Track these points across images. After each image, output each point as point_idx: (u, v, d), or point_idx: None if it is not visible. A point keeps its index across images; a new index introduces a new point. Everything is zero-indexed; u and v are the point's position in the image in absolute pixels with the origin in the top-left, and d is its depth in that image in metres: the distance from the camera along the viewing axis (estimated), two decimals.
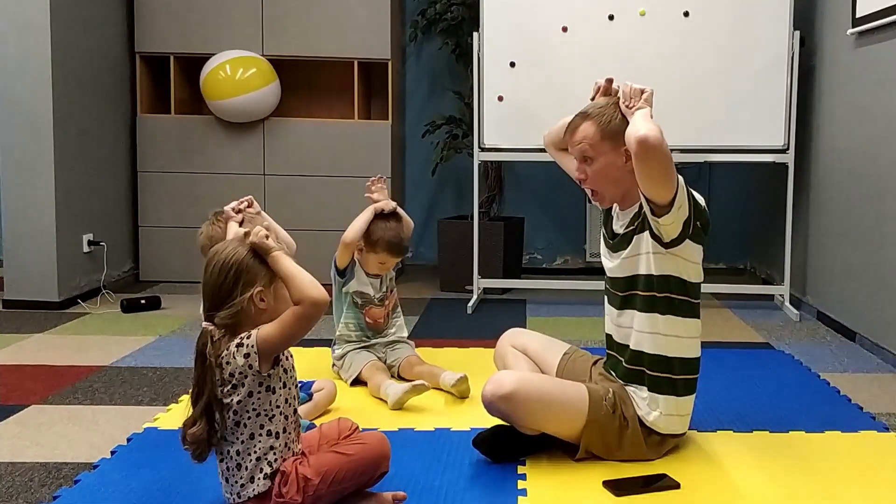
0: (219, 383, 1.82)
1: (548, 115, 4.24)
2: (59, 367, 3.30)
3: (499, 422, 2.32)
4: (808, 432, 2.54)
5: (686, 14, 4.26)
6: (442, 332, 3.93)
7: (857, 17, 3.70)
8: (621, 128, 2.18)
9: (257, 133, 5.06)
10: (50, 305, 4.34)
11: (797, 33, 4.23)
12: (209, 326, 1.83)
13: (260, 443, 1.85)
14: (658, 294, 2.23)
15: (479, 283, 4.63)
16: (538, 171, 5.57)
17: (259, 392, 1.84)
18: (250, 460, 1.85)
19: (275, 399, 1.86)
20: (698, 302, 2.31)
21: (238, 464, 1.85)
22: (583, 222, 5.65)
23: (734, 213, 5.64)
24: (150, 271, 5.14)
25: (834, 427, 2.58)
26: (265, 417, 1.85)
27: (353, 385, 2.98)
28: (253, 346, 1.80)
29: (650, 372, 2.27)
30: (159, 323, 4.08)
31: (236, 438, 1.85)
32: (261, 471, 1.85)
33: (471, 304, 4.45)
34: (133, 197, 5.14)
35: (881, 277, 3.48)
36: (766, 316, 4.34)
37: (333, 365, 3.13)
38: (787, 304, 4.41)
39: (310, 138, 5.07)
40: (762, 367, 3.30)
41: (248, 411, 1.84)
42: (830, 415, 2.70)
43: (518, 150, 4.51)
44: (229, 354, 1.81)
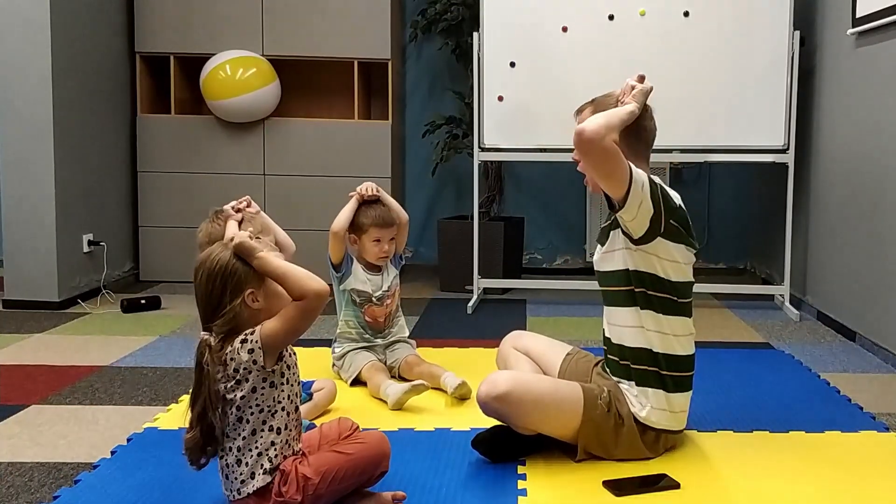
0: (223, 380, 1.82)
1: (548, 115, 4.30)
2: (59, 367, 3.30)
3: (498, 422, 2.32)
4: (808, 432, 2.54)
5: (686, 14, 4.26)
6: (442, 332, 3.93)
7: (857, 17, 3.70)
8: None
9: (257, 133, 5.06)
10: (50, 305, 4.34)
11: (797, 33, 4.23)
12: (206, 336, 1.84)
13: (262, 438, 1.85)
14: (635, 289, 2.25)
15: (479, 283, 4.63)
16: (538, 171, 5.57)
17: (263, 387, 1.84)
18: (251, 456, 1.85)
19: (278, 395, 1.87)
20: (687, 301, 2.30)
21: (238, 459, 1.86)
22: (583, 222, 5.65)
23: (734, 213, 5.64)
24: (150, 271, 5.14)
25: (834, 427, 2.58)
26: (268, 413, 1.85)
27: (353, 385, 2.99)
28: (257, 342, 1.81)
29: (634, 365, 2.28)
30: (159, 323, 4.09)
31: (238, 434, 1.85)
32: (261, 466, 1.85)
33: (471, 304, 4.45)
34: (133, 197, 5.14)
35: (881, 277, 3.48)
36: (766, 316, 4.34)
37: (333, 365, 3.13)
38: (787, 304, 4.41)
39: (310, 138, 5.07)
40: (762, 367, 3.30)
41: (252, 406, 1.84)
42: (830, 415, 2.70)
43: (518, 150, 4.51)
44: (234, 350, 1.81)
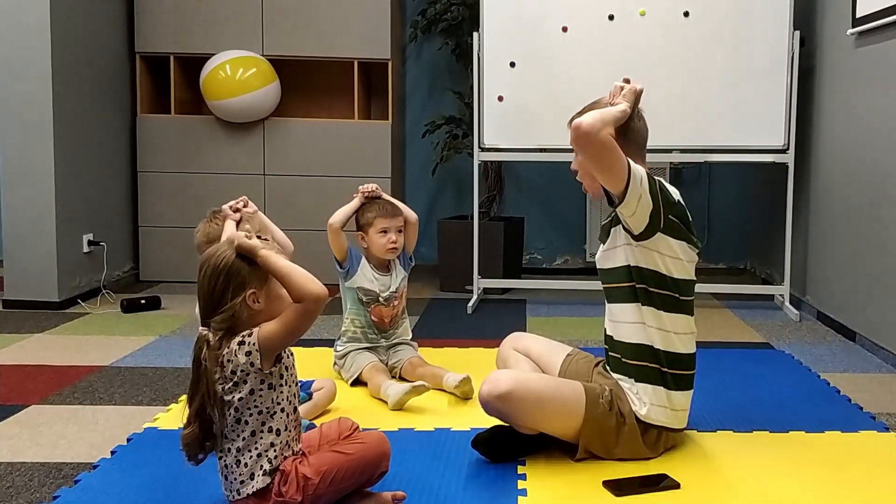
0: (220, 381, 1.82)
1: (548, 115, 4.30)
2: (59, 367, 3.30)
3: (498, 422, 2.32)
4: (808, 432, 2.54)
5: (686, 14, 4.26)
6: (442, 332, 3.93)
7: (857, 17, 3.70)
8: None
9: (257, 133, 5.06)
10: (50, 305, 4.34)
11: (797, 33, 4.23)
12: (204, 332, 1.84)
13: (261, 439, 1.85)
14: (637, 285, 2.26)
15: (479, 283, 4.63)
16: (538, 171, 5.57)
17: (261, 389, 1.84)
18: (251, 457, 1.85)
19: (276, 396, 1.86)
20: (689, 299, 2.31)
21: (238, 460, 1.86)
22: (583, 222, 5.65)
23: (734, 213, 5.64)
24: (150, 271, 5.14)
25: (834, 427, 2.58)
26: (267, 415, 1.85)
27: (354, 385, 2.99)
28: (254, 344, 1.80)
29: (635, 362, 2.28)
30: (159, 323, 4.09)
31: (237, 436, 1.85)
32: (261, 468, 1.85)
33: (471, 304, 4.45)
34: (133, 197, 5.15)
35: (881, 277, 3.48)
36: (766, 316, 4.34)
37: (335, 364, 3.13)
38: (787, 304, 4.41)
39: (310, 138, 5.07)
40: (762, 367, 3.29)
41: (250, 408, 1.84)
42: (830, 415, 2.70)
43: (518, 150, 4.51)
44: (231, 352, 1.81)
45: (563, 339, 2.72)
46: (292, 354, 1.94)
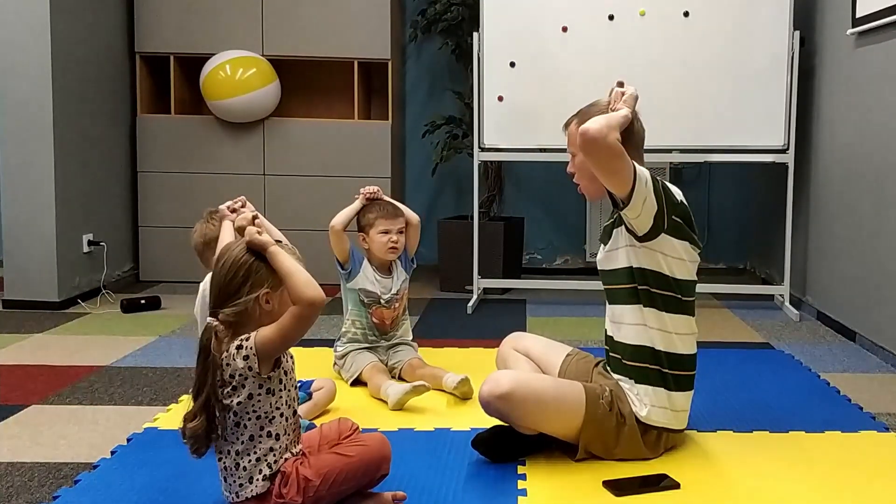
0: (219, 384, 1.82)
1: (548, 114, 4.27)
2: (59, 367, 3.30)
3: (498, 422, 2.32)
4: (808, 432, 2.54)
5: (686, 14, 4.26)
6: (442, 332, 3.93)
7: (857, 17, 3.70)
8: None
9: (257, 133, 5.06)
10: (50, 305, 4.34)
11: (797, 33, 4.23)
12: (214, 322, 1.83)
13: (260, 444, 1.85)
14: (639, 286, 2.26)
15: (479, 283, 4.63)
16: (538, 171, 5.57)
17: (259, 394, 1.84)
18: (250, 461, 1.85)
19: (275, 401, 1.86)
20: (690, 300, 2.31)
21: (237, 463, 1.85)
22: (583, 222, 5.65)
23: (734, 213, 5.64)
24: (150, 271, 5.14)
25: (834, 427, 2.58)
26: (265, 419, 1.85)
27: (354, 385, 2.99)
28: (252, 349, 1.80)
29: (635, 363, 2.28)
30: (159, 323, 4.09)
31: (236, 439, 1.85)
32: (260, 472, 1.85)
33: (471, 304, 4.45)
34: (133, 197, 5.14)
35: (881, 277, 3.48)
36: (766, 316, 4.34)
37: (335, 364, 3.13)
38: (787, 304, 4.41)
39: (310, 138, 5.07)
40: (762, 367, 3.30)
41: (249, 413, 1.84)
42: (830, 415, 2.70)
43: (518, 150, 4.51)
44: (229, 356, 1.81)
45: (563, 339, 2.72)
46: (292, 358, 1.94)
